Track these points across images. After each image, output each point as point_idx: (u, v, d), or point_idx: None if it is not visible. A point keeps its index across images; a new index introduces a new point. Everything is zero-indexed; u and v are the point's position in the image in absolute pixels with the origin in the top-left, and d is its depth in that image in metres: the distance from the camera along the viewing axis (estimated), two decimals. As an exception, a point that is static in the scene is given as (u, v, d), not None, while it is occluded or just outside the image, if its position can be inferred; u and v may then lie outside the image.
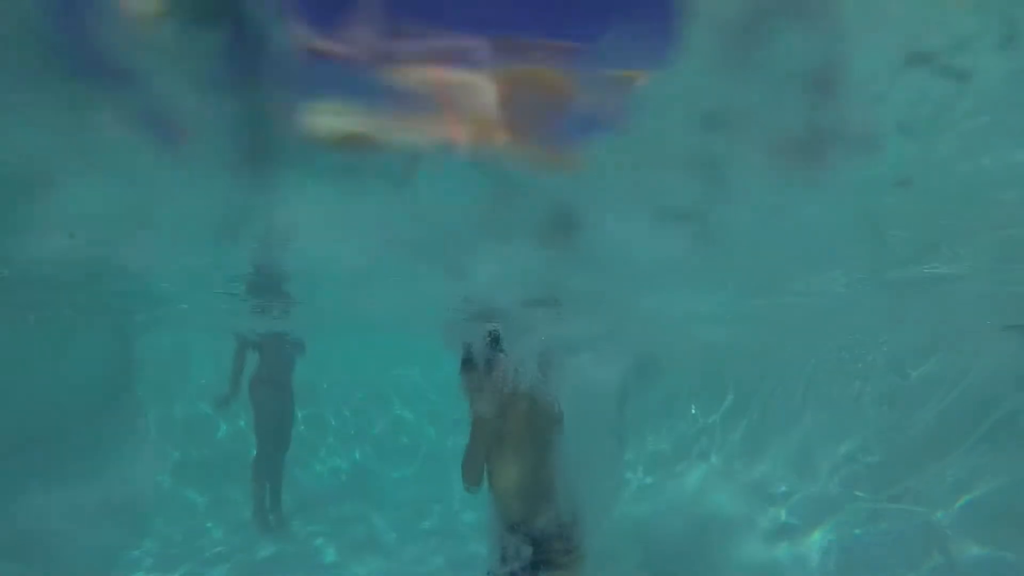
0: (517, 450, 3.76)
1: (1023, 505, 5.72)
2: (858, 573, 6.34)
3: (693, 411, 8.87)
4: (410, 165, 2.28)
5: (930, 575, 5.84)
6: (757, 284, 4.17)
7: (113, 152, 2.21)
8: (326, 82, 1.73)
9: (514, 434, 3.74)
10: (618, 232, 2.88)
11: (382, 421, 12.58)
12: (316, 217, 2.89)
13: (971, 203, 2.63)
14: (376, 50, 1.52)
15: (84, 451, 7.98)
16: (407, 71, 1.62)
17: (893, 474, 6.82)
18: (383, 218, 2.83)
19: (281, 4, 1.45)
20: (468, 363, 3.75)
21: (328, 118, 1.94)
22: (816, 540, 6.89)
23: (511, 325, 6.28)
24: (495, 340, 3.80)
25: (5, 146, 2.08)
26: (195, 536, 8.38)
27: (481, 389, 3.72)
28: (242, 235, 3.33)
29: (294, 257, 3.93)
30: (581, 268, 3.84)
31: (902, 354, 7.68)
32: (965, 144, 2.12)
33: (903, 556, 6.21)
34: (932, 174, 2.29)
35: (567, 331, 6.21)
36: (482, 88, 1.67)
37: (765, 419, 8.30)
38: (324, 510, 9.44)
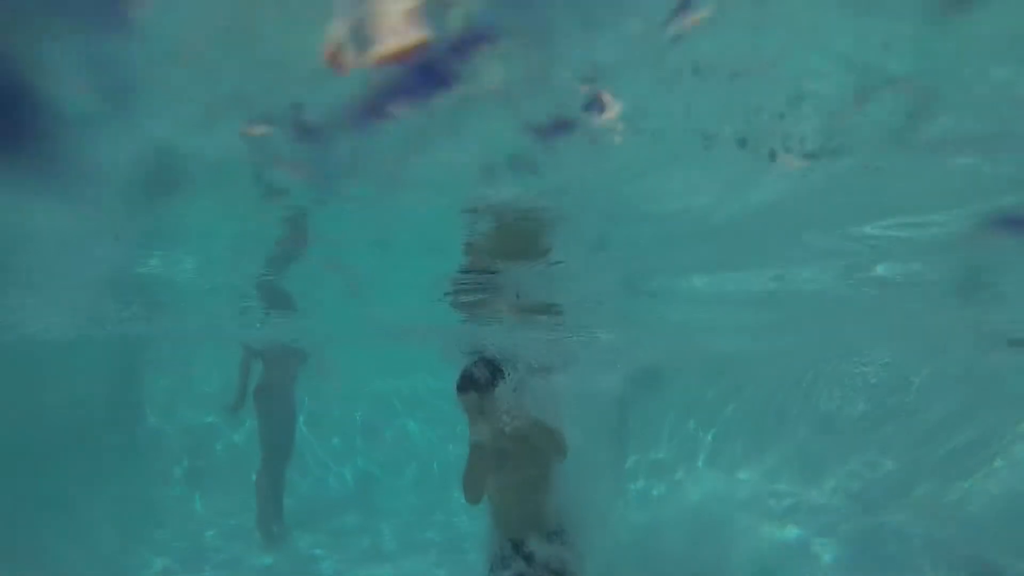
0: (516, 473, 3.75)
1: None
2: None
3: (692, 424, 8.85)
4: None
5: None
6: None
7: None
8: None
9: (514, 458, 3.72)
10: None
11: (386, 430, 12.52)
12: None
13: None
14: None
15: (86, 461, 8.01)
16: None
17: (898, 486, 6.78)
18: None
19: None
20: (465, 385, 3.74)
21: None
22: (819, 553, 6.86)
23: (510, 335, 6.29)
24: (495, 369, 3.77)
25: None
26: (196, 545, 8.36)
27: (481, 410, 3.71)
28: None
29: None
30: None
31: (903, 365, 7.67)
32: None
33: (907, 567, 6.18)
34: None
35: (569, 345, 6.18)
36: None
37: (767, 429, 8.27)
38: (326, 520, 9.41)
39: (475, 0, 1.27)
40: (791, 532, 7.16)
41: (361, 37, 1.38)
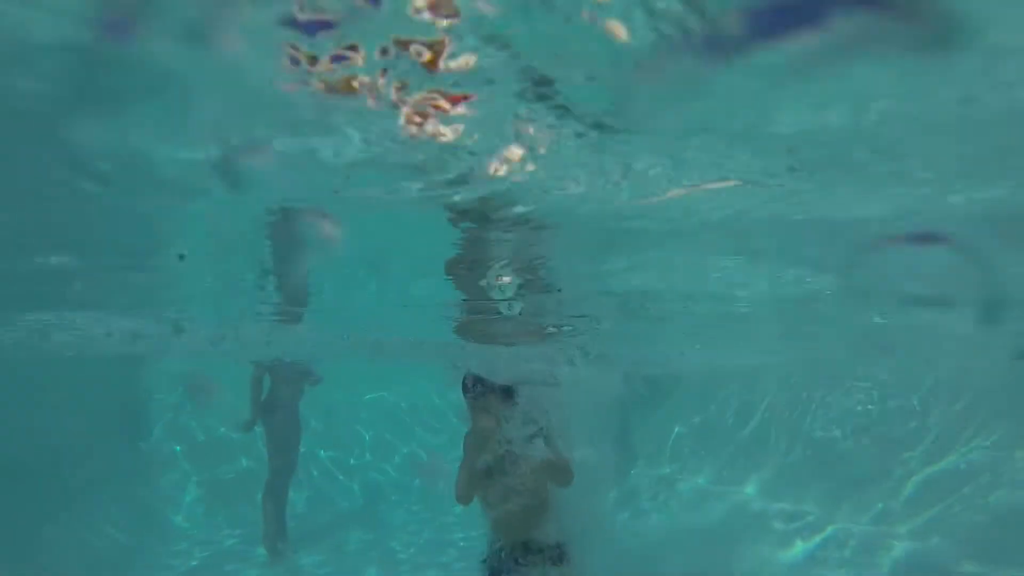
0: (518, 497, 3.76)
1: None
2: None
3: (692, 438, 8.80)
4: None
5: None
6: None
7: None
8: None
9: (516, 483, 3.74)
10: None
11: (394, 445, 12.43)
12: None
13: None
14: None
15: (87, 474, 8.04)
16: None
17: (911, 505, 6.69)
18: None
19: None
20: (466, 389, 3.79)
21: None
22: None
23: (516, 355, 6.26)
24: (506, 388, 3.79)
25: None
26: (195, 563, 8.35)
27: (485, 409, 3.74)
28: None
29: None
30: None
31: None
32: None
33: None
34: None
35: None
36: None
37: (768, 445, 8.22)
38: (331, 536, 9.37)
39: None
40: (796, 550, 7.08)
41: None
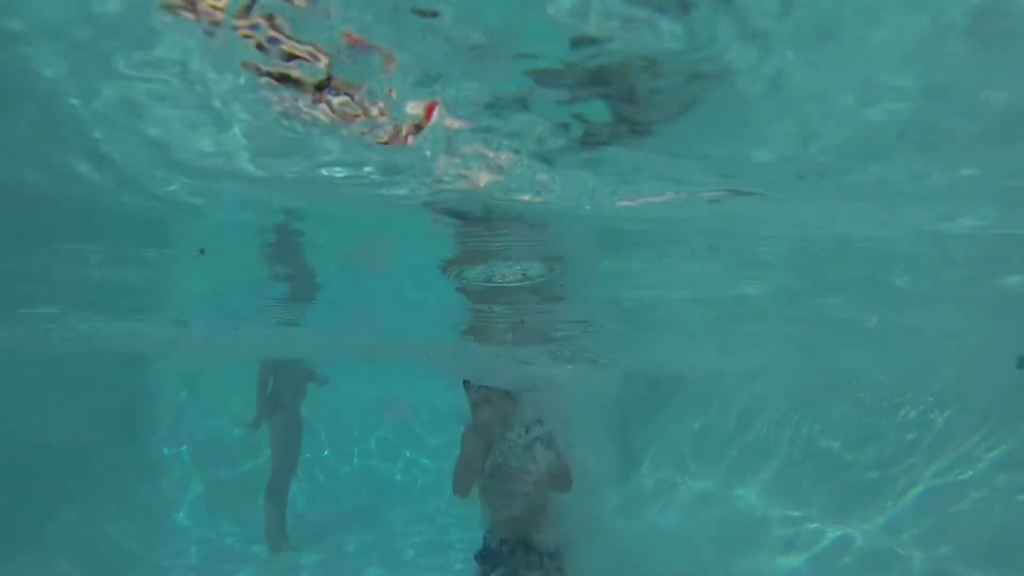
0: (518, 497, 3.81)
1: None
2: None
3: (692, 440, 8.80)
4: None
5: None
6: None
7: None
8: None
9: (517, 488, 3.78)
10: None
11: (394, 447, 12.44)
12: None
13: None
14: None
15: (81, 477, 8.08)
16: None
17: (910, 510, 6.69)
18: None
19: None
20: (471, 383, 3.85)
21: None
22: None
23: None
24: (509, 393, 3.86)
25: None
26: (193, 565, 8.40)
27: (488, 401, 3.79)
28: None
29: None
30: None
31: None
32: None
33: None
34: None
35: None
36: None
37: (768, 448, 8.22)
38: (331, 535, 9.40)
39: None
40: (798, 556, 7.07)
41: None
